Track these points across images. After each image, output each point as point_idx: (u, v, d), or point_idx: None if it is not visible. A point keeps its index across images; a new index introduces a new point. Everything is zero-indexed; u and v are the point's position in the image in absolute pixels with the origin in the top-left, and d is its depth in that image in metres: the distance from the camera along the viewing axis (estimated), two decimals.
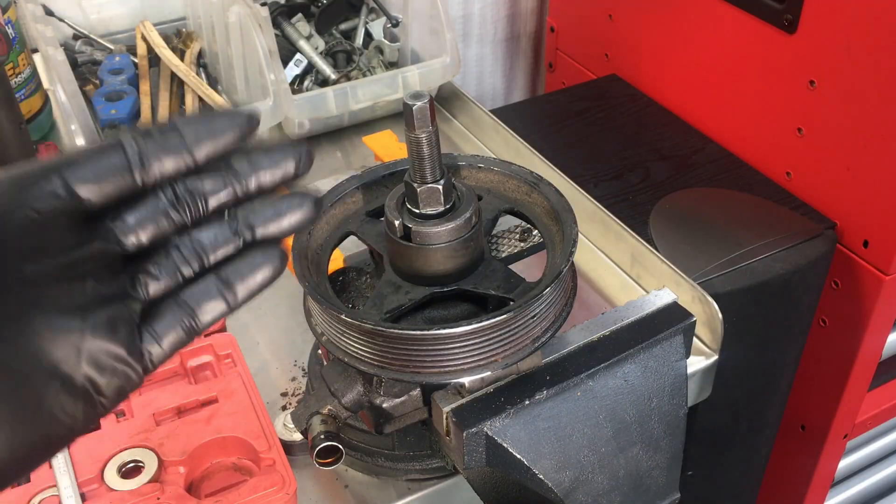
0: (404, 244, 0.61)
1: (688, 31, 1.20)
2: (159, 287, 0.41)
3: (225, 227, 0.42)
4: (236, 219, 0.43)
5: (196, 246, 0.42)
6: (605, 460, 0.65)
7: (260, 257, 0.43)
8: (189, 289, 0.42)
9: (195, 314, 0.42)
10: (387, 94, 1.09)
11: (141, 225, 0.40)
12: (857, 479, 1.45)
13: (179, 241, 0.42)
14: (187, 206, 0.41)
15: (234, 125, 0.41)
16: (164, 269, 0.41)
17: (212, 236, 0.42)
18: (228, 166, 0.42)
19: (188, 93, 1.11)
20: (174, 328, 0.42)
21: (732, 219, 1.05)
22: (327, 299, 0.60)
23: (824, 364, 1.16)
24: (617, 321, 0.72)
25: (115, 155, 0.39)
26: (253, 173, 0.42)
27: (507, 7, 1.58)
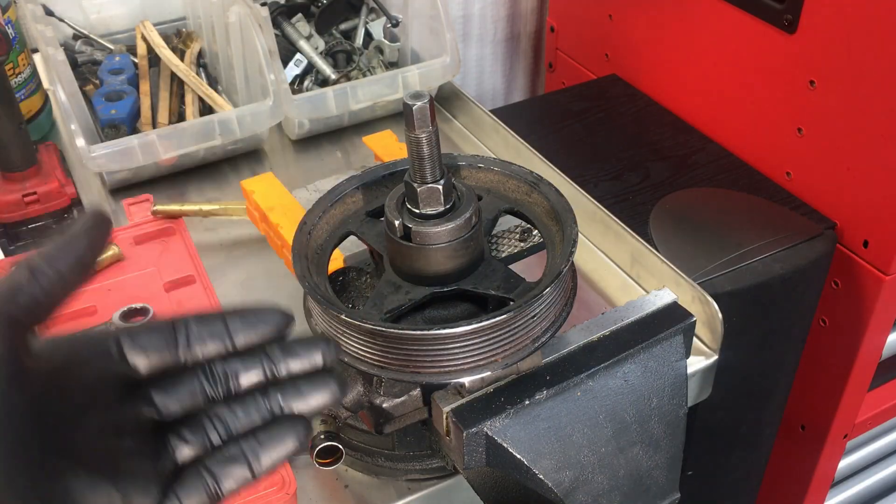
0: (404, 244, 0.61)
1: (688, 31, 1.20)
2: (188, 452, 0.45)
3: (254, 402, 0.46)
4: (266, 395, 0.46)
5: (227, 417, 0.46)
6: (605, 460, 0.65)
7: (285, 430, 0.46)
8: (215, 456, 0.45)
9: (219, 481, 0.45)
10: (387, 94, 1.09)
11: (179, 396, 0.45)
12: (857, 479, 1.44)
13: (212, 412, 0.46)
14: (222, 383, 0.46)
15: (272, 322, 0.46)
16: (195, 436, 0.45)
17: (242, 410, 0.46)
18: (263, 352, 0.46)
19: (188, 93, 1.11)
20: (197, 493, 0.44)
21: (732, 219, 1.05)
22: (327, 299, 0.60)
23: (824, 364, 1.16)
24: (617, 321, 0.72)
25: (167, 332, 0.44)
26: (283, 360, 0.46)
27: (507, 7, 1.58)
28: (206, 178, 1.08)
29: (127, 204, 0.94)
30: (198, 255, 0.89)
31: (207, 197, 1.05)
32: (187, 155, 1.03)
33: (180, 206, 0.93)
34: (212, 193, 1.05)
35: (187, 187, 1.06)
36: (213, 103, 1.09)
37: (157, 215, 0.93)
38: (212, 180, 1.07)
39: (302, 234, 0.66)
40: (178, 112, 1.11)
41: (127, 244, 0.90)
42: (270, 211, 0.86)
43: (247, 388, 0.46)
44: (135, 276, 0.86)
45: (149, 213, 0.93)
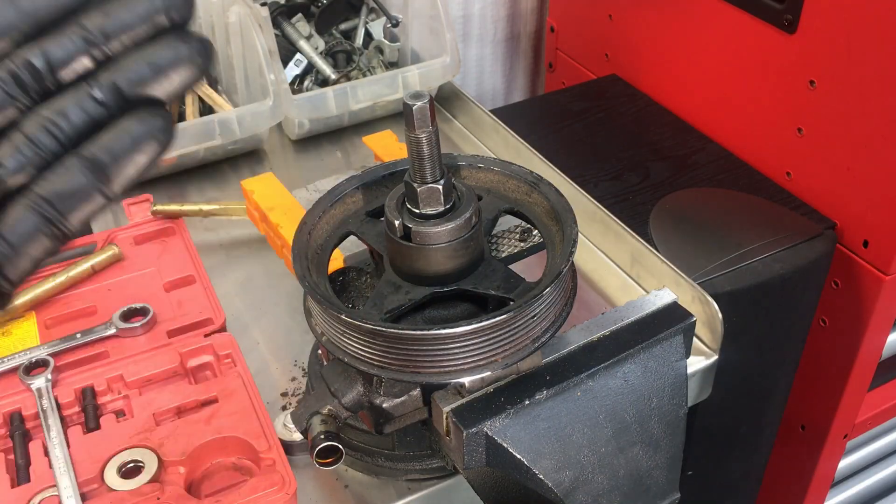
0: (404, 244, 0.61)
1: (688, 31, 1.20)
2: (13, 181, 0.32)
3: (83, 94, 0.33)
4: (99, 82, 0.33)
5: (45, 122, 0.32)
6: (605, 460, 0.65)
7: (137, 127, 0.34)
8: (46, 178, 0.33)
9: (60, 212, 0.33)
10: (387, 94, 1.09)
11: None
12: (857, 479, 1.44)
13: (25, 120, 0.33)
14: (28, 80, 0.32)
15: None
16: (14, 158, 0.32)
17: (67, 106, 0.33)
18: (77, 23, 0.33)
19: (188, 93, 1.11)
20: (31, 232, 0.33)
21: (732, 219, 1.05)
22: (327, 299, 0.60)
23: (824, 364, 1.16)
24: (617, 321, 0.72)
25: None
26: (108, 28, 0.34)
27: (507, 7, 1.58)
28: (206, 178, 1.08)
29: (127, 204, 0.94)
30: (198, 255, 0.89)
31: (207, 197, 1.05)
32: (187, 155, 1.03)
33: (180, 206, 0.93)
34: (212, 193, 1.05)
35: (187, 187, 1.06)
36: (213, 103, 1.09)
37: (157, 215, 0.93)
38: (212, 180, 1.07)
39: (302, 234, 0.66)
40: (178, 112, 1.11)
41: (127, 244, 0.90)
42: (270, 211, 0.86)
43: (71, 79, 0.33)
44: (135, 276, 0.86)
45: (149, 213, 0.93)
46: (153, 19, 0.35)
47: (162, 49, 0.35)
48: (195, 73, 0.35)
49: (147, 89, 0.34)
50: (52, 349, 0.77)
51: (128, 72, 0.34)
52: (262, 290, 0.91)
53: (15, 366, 0.75)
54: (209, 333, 0.79)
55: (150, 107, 0.34)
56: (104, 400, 0.74)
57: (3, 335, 0.80)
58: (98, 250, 0.87)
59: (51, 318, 0.82)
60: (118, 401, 0.74)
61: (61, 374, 0.75)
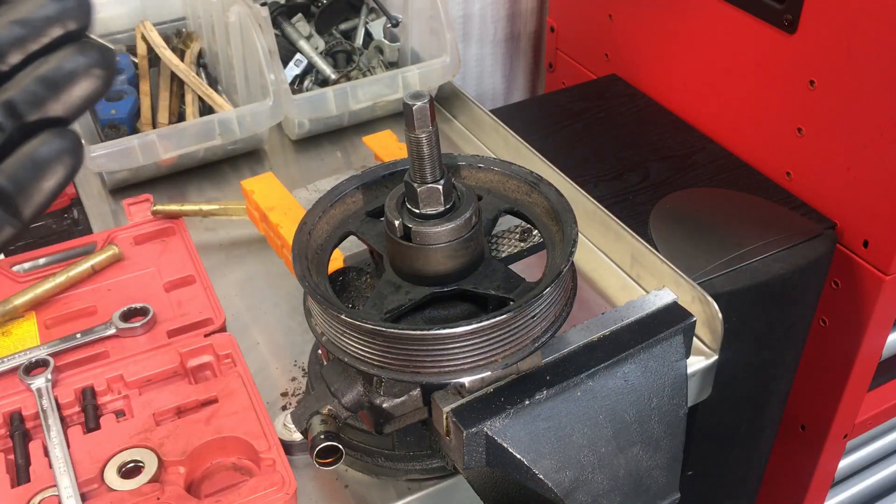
0: (404, 244, 0.61)
1: (688, 31, 1.20)
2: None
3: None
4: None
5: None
6: (605, 460, 0.65)
7: (41, 150, 0.31)
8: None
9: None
10: (387, 94, 1.09)
11: None
12: (857, 479, 1.44)
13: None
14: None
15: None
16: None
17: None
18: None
19: (188, 93, 1.11)
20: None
21: (732, 219, 1.05)
22: (327, 299, 0.60)
23: (824, 364, 1.16)
24: (617, 321, 0.72)
25: None
26: (1, 43, 0.30)
27: (507, 7, 1.58)
28: (206, 178, 1.08)
29: (127, 204, 0.94)
30: (198, 255, 0.89)
31: (207, 197, 1.05)
32: (187, 155, 1.03)
33: (180, 206, 0.93)
34: (212, 193, 1.05)
35: (187, 187, 1.06)
36: (213, 103, 1.09)
37: (157, 215, 0.93)
38: (212, 180, 1.07)
39: (302, 234, 0.66)
40: (178, 112, 1.11)
41: (127, 244, 0.90)
42: (270, 211, 0.86)
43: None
44: (135, 276, 0.86)
45: (149, 213, 0.93)
46: (48, 31, 0.31)
47: (59, 63, 0.31)
48: (98, 86, 0.32)
49: (47, 108, 0.31)
50: (52, 349, 0.77)
51: (24, 91, 0.31)
52: (262, 290, 0.91)
53: (15, 366, 0.75)
54: (209, 333, 0.79)
55: (53, 127, 0.32)
56: (104, 400, 0.74)
57: (3, 335, 0.80)
58: (98, 250, 0.87)
59: (51, 318, 0.82)
60: (118, 401, 0.74)
61: (61, 374, 0.75)
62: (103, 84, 0.32)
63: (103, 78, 0.32)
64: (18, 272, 0.87)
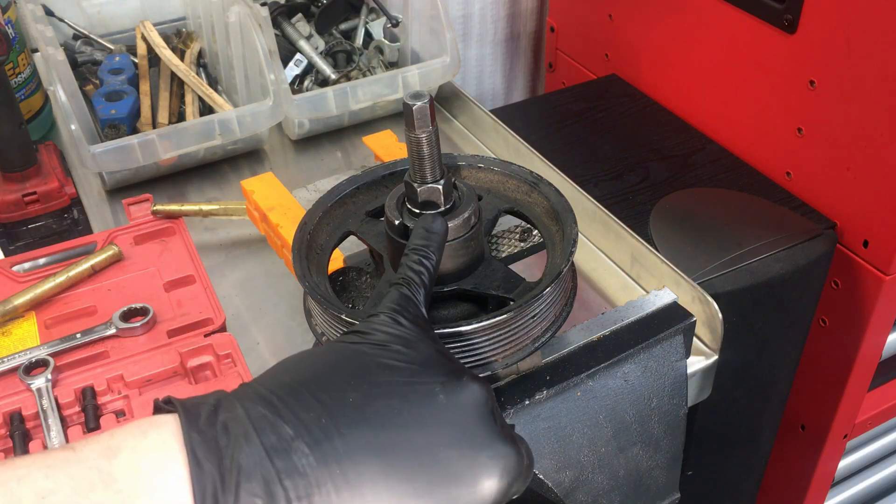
0: (404, 244, 0.61)
1: (688, 31, 1.20)
2: None
3: None
4: None
5: None
6: (605, 460, 0.65)
7: None
8: None
9: None
10: (387, 94, 1.09)
11: None
12: (857, 479, 1.45)
13: None
14: None
15: None
16: None
17: None
18: None
19: (188, 93, 1.11)
20: None
21: (732, 219, 1.05)
22: (327, 299, 0.60)
23: (824, 364, 1.16)
24: (617, 321, 0.72)
25: None
26: None
27: (507, 7, 1.58)
28: (206, 178, 1.08)
29: (127, 204, 0.94)
30: (198, 255, 0.89)
31: (207, 197, 1.05)
32: (187, 155, 1.03)
33: (180, 206, 0.93)
34: (212, 193, 1.05)
35: (187, 187, 1.06)
36: (213, 103, 1.09)
37: (157, 215, 0.93)
38: (212, 180, 1.07)
39: (302, 234, 0.66)
40: (178, 112, 1.11)
41: (127, 244, 0.90)
42: (270, 211, 0.86)
43: None
44: (135, 276, 0.86)
45: (149, 212, 0.93)
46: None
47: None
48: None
49: None
50: (52, 349, 0.77)
51: None
52: (262, 290, 0.91)
53: (15, 366, 0.75)
54: (209, 333, 0.79)
55: None
56: (104, 400, 0.74)
57: (3, 335, 0.80)
58: (98, 250, 0.87)
59: (51, 318, 0.82)
60: (118, 401, 0.74)
61: (61, 374, 0.75)
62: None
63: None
64: (18, 272, 0.87)
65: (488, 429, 0.47)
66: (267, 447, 0.42)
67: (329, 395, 0.45)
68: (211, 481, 0.41)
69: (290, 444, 0.43)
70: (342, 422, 0.44)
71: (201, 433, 0.43)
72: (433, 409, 0.46)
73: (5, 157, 0.94)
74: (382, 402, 0.45)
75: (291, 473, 0.42)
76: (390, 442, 0.44)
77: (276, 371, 0.48)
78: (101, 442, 0.43)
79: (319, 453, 0.43)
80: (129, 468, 0.41)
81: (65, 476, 0.41)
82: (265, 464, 0.42)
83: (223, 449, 0.42)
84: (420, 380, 0.47)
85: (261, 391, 0.46)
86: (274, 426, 0.43)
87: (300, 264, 0.63)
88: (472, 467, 0.45)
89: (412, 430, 0.45)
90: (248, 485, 0.41)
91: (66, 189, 0.99)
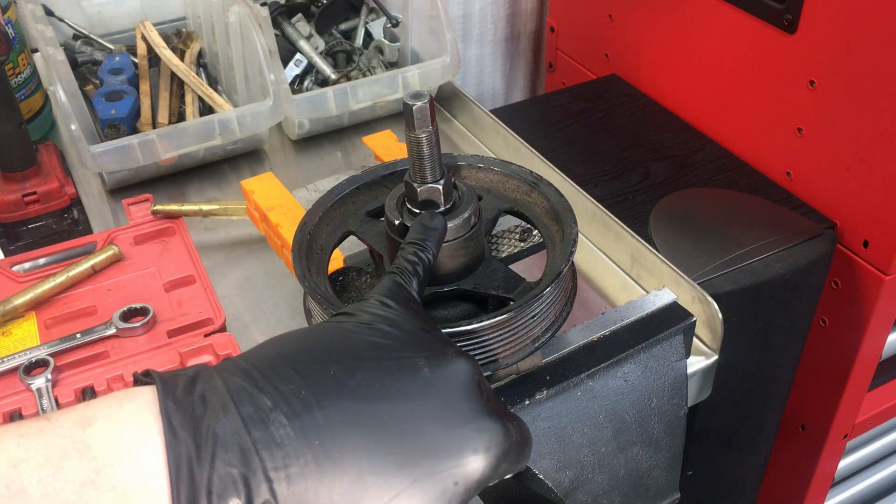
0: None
1: (688, 31, 1.20)
2: None
3: None
4: None
5: None
6: (605, 460, 0.65)
7: None
8: None
9: None
10: (387, 94, 1.09)
11: None
12: (857, 479, 1.45)
13: None
14: None
15: None
16: None
17: None
18: None
19: (188, 93, 1.11)
20: None
21: (732, 219, 1.05)
22: (327, 299, 0.60)
23: (824, 364, 1.16)
24: (617, 321, 0.72)
25: None
26: None
27: (507, 7, 1.58)
28: (206, 178, 1.08)
29: (127, 204, 0.94)
30: (198, 255, 0.89)
31: (207, 197, 1.05)
32: (187, 155, 1.03)
33: (180, 206, 0.93)
34: (212, 193, 1.05)
35: (187, 187, 1.06)
36: (213, 103, 1.09)
37: (157, 215, 0.93)
38: (212, 180, 1.07)
39: (302, 234, 0.66)
40: (178, 112, 1.11)
41: (127, 244, 0.90)
42: (270, 211, 0.86)
43: None
44: (135, 276, 0.86)
45: (149, 213, 0.93)
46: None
47: None
48: None
49: None
50: (52, 349, 0.77)
51: None
52: (262, 290, 0.91)
53: (15, 366, 0.75)
54: (209, 333, 0.79)
55: None
56: None
57: (3, 335, 0.80)
58: (98, 250, 0.87)
59: (51, 318, 0.82)
60: None
61: (61, 374, 0.75)
62: None
63: None
64: (18, 272, 0.87)
65: (474, 403, 0.46)
66: (244, 417, 0.42)
67: (310, 368, 0.45)
68: (185, 450, 0.41)
69: (269, 416, 0.42)
70: (322, 394, 0.44)
71: (177, 402, 0.42)
72: (417, 382, 0.46)
73: (5, 157, 0.95)
74: (364, 375, 0.45)
75: (269, 444, 0.42)
76: (371, 414, 0.44)
77: (261, 346, 0.48)
78: (77, 412, 0.42)
79: (298, 424, 0.42)
80: (104, 437, 0.41)
81: (38, 444, 0.40)
82: (242, 434, 0.41)
83: (199, 419, 0.42)
84: (404, 354, 0.47)
85: (241, 364, 0.45)
86: (252, 397, 0.43)
87: (300, 264, 0.63)
88: (455, 441, 0.45)
89: (395, 403, 0.44)
90: (223, 454, 0.41)
91: (66, 189, 0.99)
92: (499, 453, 0.46)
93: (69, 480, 0.40)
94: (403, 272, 0.54)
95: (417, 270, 0.54)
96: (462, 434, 0.45)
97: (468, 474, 0.45)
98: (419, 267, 0.55)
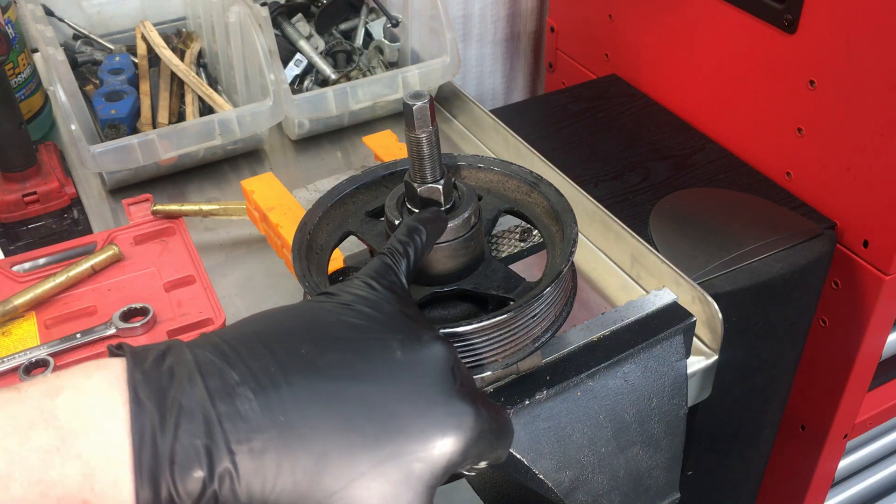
0: None
1: (688, 31, 1.20)
2: None
3: None
4: None
5: None
6: (605, 460, 0.65)
7: None
8: None
9: None
10: (387, 94, 1.09)
11: None
12: (857, 479, 1.45)
13: None
14: None
15: None
16: None
17: None
18: None
19: (188, 93, 1.11)
20: None
21: (732, 219, 1.05)
22: None
23: (824, 364, 1.16)
24: (617, 321, 0.72)
25: None
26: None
27: (507, 7, 1.58)
28: (206, 178, 1.08)
29: (127, 204, 0.94)
30: (198, 255, 0.89)
31: (207, 197, 1.05)
32: (187, 155, 1.03)
33: (180, 206, 0.93)
34: (212, 193, 1.05)
35: (187, 187, 1.06)
36: (213, 103, 1.09)
37: (157, 215, 0.93)
38: (212, 180, 1.07)
39: (302, 234, 0.66)
40: (178, 112, 1.11)
41: (127, 244, 0.90)
42: (270, 211, 0.86)
43: None
44: (135, 276, 0.86)
45: (149, 213, 0.93)
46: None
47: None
48: None
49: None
50: (52, 349, 0.77)
51: None
52: (262, 290, 0.91)
53: (15, 366, 0.75)
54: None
55: None
56: None
57: (3, 335, 0.80)
58: (98, 250, 0.87)
59: (51, 318, 0.82)
60: None
61: None
62: None
63: None
64: (18, 272, 0.87)
65: (446, 386, 0.46)
66: (210, 390, 0.42)
67: (282, 346, 0.45)
68: (150, 420, 0.41)
69: (235, 390, 0.43)
70: (291, 371, 0.44)
71: (145, 374, 0.43)
72: (388, 364, 0.46)
73: (5, 157, 0.95)
74: (336, 355, 0.45)
75: (233, 417, 0.42)
76: (340, 393, 0.44)
77: (237, 323, 0.48)
78: (47, 382, 0.43)
79: (264, 399, 0.43)
80: (71, 406, 0.41)
81: (6, 415, 0.41)
82: (206, 406, 0.42)
83: (165, 390, 0.42)
84: (378, 336, 0.47)
85: (214, 340, 0.46)
86: (221, 371, 0.43)
87: (300, 264, 0.63)
88: (424, 423, 0.45)
89: (364, 383, 0.45)
90: (187, 425, 0.41)
91: (66, 189, 0.99)
92: (469, 437, 0.46)
93: (34, 448, 0.40)
94: (394, 253, 0.54)
95: (408, 252, 0.54)
96: (430, 417, 0.45)
97: (435, 458, 0.45)
98: (410, 248, 0.54)
